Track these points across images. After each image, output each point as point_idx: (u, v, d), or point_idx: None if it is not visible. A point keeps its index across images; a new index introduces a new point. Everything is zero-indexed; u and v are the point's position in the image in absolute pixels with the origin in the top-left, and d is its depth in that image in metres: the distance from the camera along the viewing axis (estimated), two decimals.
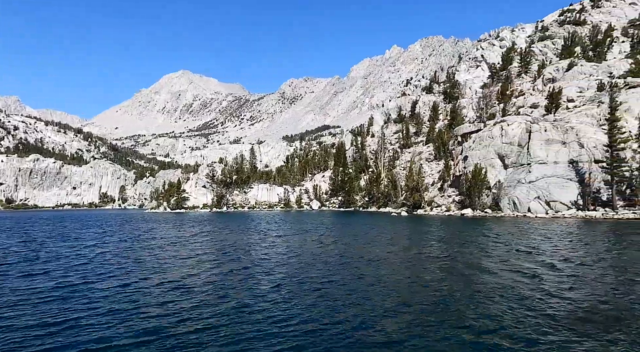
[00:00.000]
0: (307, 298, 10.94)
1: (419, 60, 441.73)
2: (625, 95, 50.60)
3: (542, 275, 13.34)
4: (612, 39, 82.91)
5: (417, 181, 59.29)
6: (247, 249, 21.24)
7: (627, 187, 40.83)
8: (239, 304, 10.48)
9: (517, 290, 11.39)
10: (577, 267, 14.69)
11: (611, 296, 10.69)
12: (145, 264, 16.72)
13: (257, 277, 13.90)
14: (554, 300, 10.28)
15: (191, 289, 12.15)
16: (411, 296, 10.99)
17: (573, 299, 10.40)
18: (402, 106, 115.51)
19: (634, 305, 9.84)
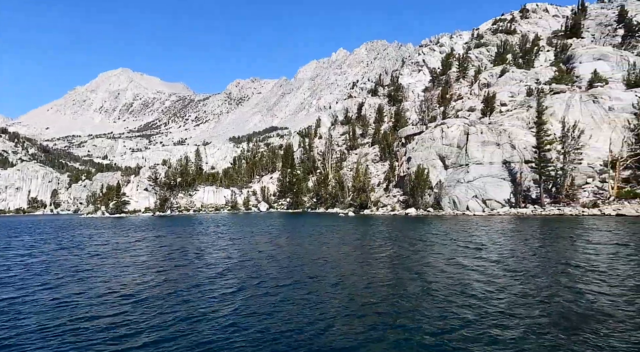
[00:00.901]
0: (263, 303, 10.87)
1: (365, 63, 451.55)
2: (551, 100, 54.84)
3: (489, 270, 14.16)
4: (538, 48, 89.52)
5: (363, 181, 60.60)
6: (197, 253, 20.68)
7: (553, 185, 44.28)
8: (191, 312, 10.20)
9: (469, 286, 12.01)
10: (519, 261, 15.73)
11: (555, 288, 11.58)
12: (85, 274, 15.78)
13: (209, 283, 13.57)
14: (505, 294, 10.96)
15: (139, 300, 11.63)
16: (369, 297, 11.24)
17: (522, 292, 11.15)
18: (348, 108, 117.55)
19: (577, 296, 10.73)
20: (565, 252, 17.77)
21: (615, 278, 12.51)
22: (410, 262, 16.41)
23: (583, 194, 42.73)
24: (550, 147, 44.22)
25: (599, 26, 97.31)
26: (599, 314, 9.11)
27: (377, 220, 42.55)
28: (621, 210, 37.25)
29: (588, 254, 16.96)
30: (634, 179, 42.92)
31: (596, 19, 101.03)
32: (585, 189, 43.58)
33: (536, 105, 47.17)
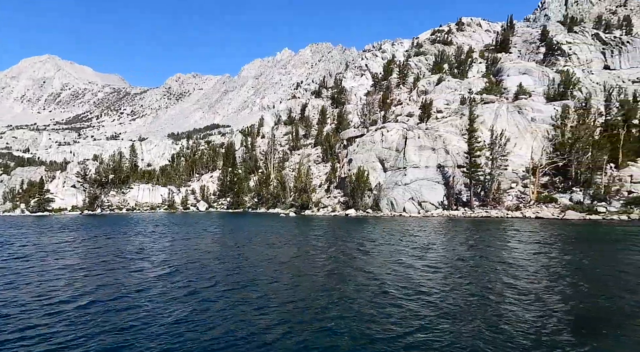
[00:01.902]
0: (205, 309, 10.56)
1: (309, 64, 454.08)
2: (481, 110, 58.51)
3: (426, 268, 14.80)
4: (472, 59, 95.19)
5: (305, 182, 60.91)
6: (132, 256, 19.64)
7: (482, 189, 47.29)
8: (127, 319, 9.69)
9: (408, 283, 12.45)
10: (453, 259, 16.60)
11: (494, 283, 12.33)
12: (9, 279, 14.42)
13: (145, 288, 12.95)
14: (446, 292, 11.49)
15: (72, 307, 10.83)
16: (314, 298, 11.30)
17: (460, 288, 11.75)
18: (292, 108, 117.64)
19: (505, 289, 11.48)
20: (491, 250, 19.06)
21: (534, 271, 13.64)
22: (350, 262, 16.77)
23: (508, 198, 46.04)
24: (480, 153, 47.09)
25: (524, 43, 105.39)
26: (521, 303, 9.88)
27: (318, 221, 42.96)
28: (540, 213, 40.63)
29: (511, 251, 18.33)
30: (550, 185, 47.01)
31: (522, 36, 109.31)
32: (509, 193, 46.98)
33: (468, 114, 50.09)
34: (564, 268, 15.06)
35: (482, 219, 40.63)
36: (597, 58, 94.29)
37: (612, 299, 10.77)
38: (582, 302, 10.44)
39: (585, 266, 15.63)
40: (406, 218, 43.16)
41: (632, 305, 10.07)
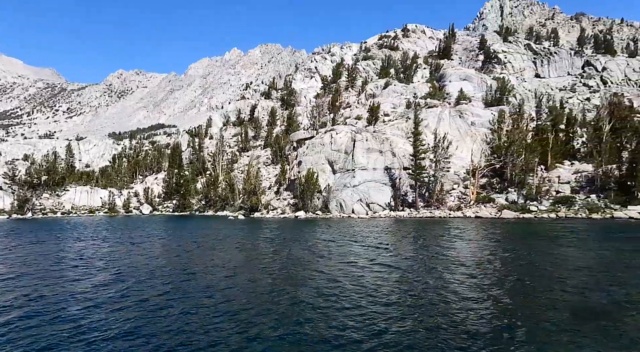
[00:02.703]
0: (153, 318, 10.17)
1: (259, 65, 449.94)
2: (426, 114, 60.95)
3: (376, 269, 15.16)
4: (417, 65, 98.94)
5: (254, 184, 60.28)
6: (68, 265, 18.46)
7: (426, 190, 49.23)
8: (62, 334, 9.12)
9: (362, 285, 12.69)
10: (401, 259, 17.13)
11: (429, 277, 12.83)
12: None
13: (84, 300, 12.24)
14: (397, 290, 11.81)
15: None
16: (268, 303, 11.22)
17: (405, 287, 12.13)
18: (241, 109, 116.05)
19: (447, 282, 12.01)
20: (436, 249, 19.93)
21: (475, 267, 14.46)
22: (301, 265, 16.86)
23: (450, 199, 48.26)
24: (424, 155, 49.00)
25: (465, 51, 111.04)
26: (464, 297, 10.45)
27: (267, 223, 42.71)
28: (479, 212, 42.99)
29: (455, 250, 19.28)
30: (489, 186, 49.88)
31: (463, 44, 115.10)
32: (451, 194, 49.29)
33: (413, 117, 51.96)
34: (503, 263, 16.10)
35: (426, 219, 42.31)
36: (529, 67, 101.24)
37: (551, 292, 11.67)
38: (523, 295, 11.23)
39: (521, 260, 16.79)
40: (355, 219, 43.99)
41: (564, 294, 10.99)
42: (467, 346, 7.92)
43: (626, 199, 39.84)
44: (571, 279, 13.25)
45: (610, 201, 40.46)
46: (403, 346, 8.05)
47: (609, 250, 19.52)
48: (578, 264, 16.08)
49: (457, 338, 8.30)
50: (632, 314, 9.52)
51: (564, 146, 53.45)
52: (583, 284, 12.62)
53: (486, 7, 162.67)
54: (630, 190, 40.62)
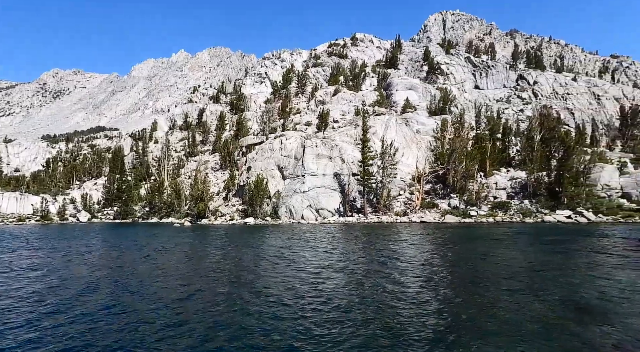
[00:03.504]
0: (89, 337, 9.57)
1: (207, 68, 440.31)
2: (373, 121, 62.57)
3: (325, 273, 15.23)
4: (365, 73, 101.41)
5: (202, 190, 58.76)
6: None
7: (374, 196, 50.42)
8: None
9: (312, 290, 12.68)
10: (350, 263, 17.34)
11: (380, 280, 13.08)
12: None
13: (9, 317, 11.29)
14: (346, 294, 11.90)
15: None
16: (219, 313, 10.91)
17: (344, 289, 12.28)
18: (188, 113, 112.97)
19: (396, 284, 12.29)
20: (384, 252, 20.44)
21: (420, 270, 15.00)
22: (252, 272, 16.65)
23: (396, 204, 49.75)
24: (372, 162, 50.21)
25: (410, 61, 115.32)
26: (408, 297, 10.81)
27: (215, 230, 41.74)
28: (424, 218, 44.66)
29: (401, 253, 19.88)
30: (433, 192, 51.97)
31: (409, 54, 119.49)
32: (398, 199, 50.83)
33: (362, 125, 53.16)
34: (447, 266, 16.83)
35: (374, 224, 43.29)
36: (469, 78, 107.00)
37: (491, 292, 12.34)
38: (466, 296, 11.80)
39: (463, 263, 17.64)
40: (305, 225, 44.11)
41: (502, 294, 11.68)
42: (415, 346, 8.21)
43: (554, 204, 43.11)
44: (508, 280, 14.13)
45: (541, 206, 43.59)
46: (348, 347, 8.21)
47: (541, 251, 21.00)
48: (514, 265, 17.16)
49: (404, 339, 8.59)
50: (565, 314, 10.32)
51: (501, 154, 56.93)
52: (520, 284, 13.49)
53: (430, 20, 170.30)
54: (558, 196, 44.00)
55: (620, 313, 10.07)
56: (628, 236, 26.17)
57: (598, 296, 11.75)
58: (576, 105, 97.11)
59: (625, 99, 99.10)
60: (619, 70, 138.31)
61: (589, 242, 24.14)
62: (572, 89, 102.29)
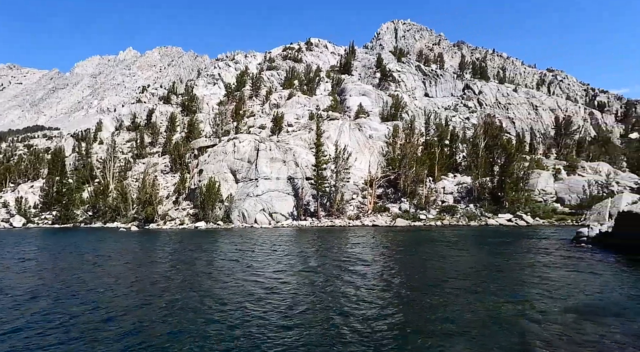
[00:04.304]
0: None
1: (157, 68, 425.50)
2: (327, 125, 63.19)
3: (275, 277, 15.11)
4: (319, 78, 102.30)
5: (151, 193, 56.60)
6: None
7: (327, 200, 50.86)
8: None
9: (264, 294, 12.51)
10: (302, 267, 17.33)
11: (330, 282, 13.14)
12: None
13: None
14: (297, 298, 11.84)
15: None
16: (175, 323, 10.49)
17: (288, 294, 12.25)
18: (137, 113, 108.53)
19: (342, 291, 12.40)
20: (336, 256, 20.65)
21: (372, 272, 15.30)
22: (202, 278, 16.24)
23: (349, 208, 50.48)
24: (326, 166, 50.64)
25: (364, 67, 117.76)
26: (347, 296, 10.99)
27: (164, 235, 40.35)
28: (376, 221, 45.63)
29: (353, 256, 20.18)
30: (384, 196, 53.24)
31: (362, 61, 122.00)
32: (351, 203, 51.61)
33: (316, 129, 53.51)
34: (397, 267, 17.30)
35: (327, 228, 43.67)
36: (420, 86, 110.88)
37: (439, 293, 12.80)
38: (415, 296, 12.17)
39: (412, 264, 18.21)
40: (258, 229, 43.70)
41: (449, 295, 12.18)
42: (367, 348, 8.38)
43: (497, 208, 45.56)
44: (456, 280, 14.76)
45: (485, 209, 45.90)
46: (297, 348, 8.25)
47: (485, 253, 22.14)
48: (461, 266, 17.96)
49: (356, 341, 8.73)
50: (509, 311, 10.92)
51: (449, 160, 59.39)
52: (467, 284, 14.13)
53: (383, 29, 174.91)
54: (500, 200, 46.53)
55: (557, 309, 10.81)
56: (561, 237, 28.16)
57: (538, 293, 12.56)
58: (517, 114, 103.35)
59: (559, 110, 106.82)
60: (554, 83, 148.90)
61: (528, 244, 25.74)
62: (513, 100, 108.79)
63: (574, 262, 17.72)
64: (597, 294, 12.34)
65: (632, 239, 18.71)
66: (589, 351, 7.96)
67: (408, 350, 8.34)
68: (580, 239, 23.58)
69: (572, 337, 8.68)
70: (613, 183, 50.18)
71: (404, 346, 8.55)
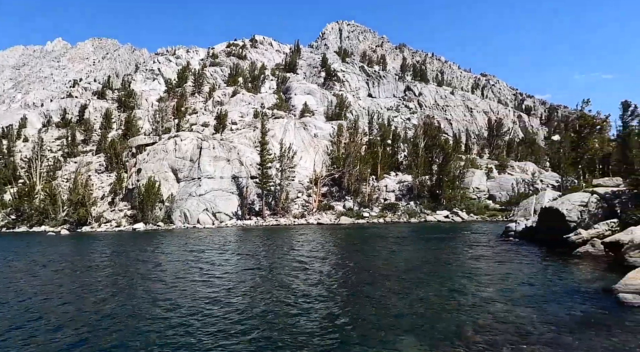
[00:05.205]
0: None
1: (91, 60, 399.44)
2: (272, 124, 62.85)
3: (219, 277, 14.73)
4: (264, 76, 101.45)
5: (83, 194, 53.18)
6: None
7: (272, 199, 50.61)
8: None
9: (205, 296, 12.12)
10: (246, 267, 17.04)
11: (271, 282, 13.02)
12: None
13: None
14: (242, 298, 11.57)
15: None
16: (115, 331, 9.83)
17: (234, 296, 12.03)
18: (68, 109, 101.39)
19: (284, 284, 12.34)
20: (281, 252, 20.61)
21: (318, 268, 15.43)
22: (138, 284, 15.53)
23: (294, 207, 50.57)
24: (271, 165, 50.35)
25: (309, 66, 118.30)
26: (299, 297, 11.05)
27: (99, 238, 38.09)
28: (320, 219, 46.08)
29: (298, 254, 20.23)
30: (329, 194, 53.91)
31: (307, 60, 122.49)
32: (296, 202, 51.72)
33: (261, 127, 53.02)
34: (341, 264, 17.58)
35: (272, 227, 43.46)
36: (363, 87, 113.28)
37: (379, 288, 13.16)
38: (357, 293, 12.43)
39: (355, 260, 18.59)
40: (201, 230, 42.54)
41: (392, 288, 12.57)
42: (311, 345, 8.45)
43: (435, 205, 47.75)
44: (398, 274, 15.28)
45: (424, 207, 47.93)
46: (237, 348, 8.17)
47: (424, 248, 23.13)
48: (402, 261, 18.63)
49: (301, 338, 8.78)
50: (445, 301, 11.47)
51: (391, 159, 61.32)
52: (407, 277, 14.69)
53: (328, 29, 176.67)
54: (438, 197, 48.79)
55: (488, 298, 11.55)
56: (492, 232, 30.06)
57: (471, 284, 13.34)
58: (454, 116, 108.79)
59: (492, 112, 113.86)
60: (487, 87, 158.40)
61: (463, 239, 27.24)
62: (450, 102, 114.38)
63: (503, 256, 19.00)
64: (522, 284, 13.34)
65: (553, 233, 20.34)
66: (518, 334, 8.60)
67: (355, 343, 8.53)
68: (508, 233, 25.31)
69: (503, 322, 9.34)
70: (538, 181, 54.38)
71: (351, 339, 8.74)
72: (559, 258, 17.40)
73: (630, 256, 14.09)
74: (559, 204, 21.14)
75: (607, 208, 19.62)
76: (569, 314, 9.83)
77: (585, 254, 17.11)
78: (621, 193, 20.06)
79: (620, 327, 8.67)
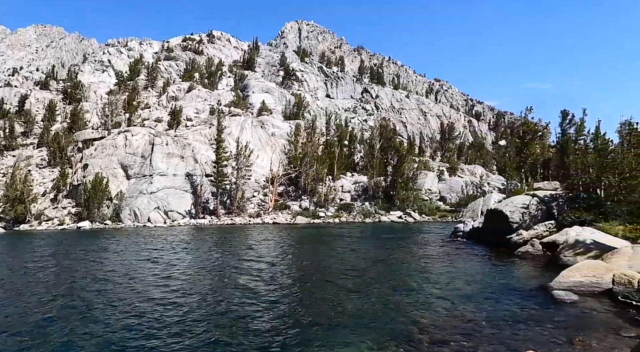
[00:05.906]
0: None
1: (33, 48, 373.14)
2: (229, 121, 61.80)
3: (170, 277, 14.26)
4: (222, 72, 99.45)
5: (22, 190, 49.79)
6: None
7: (228, 198, 49.78)
8: None
9: (156, 298, 11.68)
10: (196, 267, 16.61)
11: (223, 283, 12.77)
12: None
13: None
14: (190, 298, 11.23)
15: None
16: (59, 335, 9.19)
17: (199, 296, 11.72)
18: (5, 99, 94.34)
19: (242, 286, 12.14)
20: (232, 253, 20.31)
21: (269, 268, 15.35)
22: (91, 281, 14.77)
23: (250, 206, 50.03)
24: (227, 163, 49.50)
25: (267, 65, 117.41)
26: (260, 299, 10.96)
27: (40, 237, 35.85)
28: (276, 219, 45.89)
29: (251, 254, 20.02)
30: (285, 194, 53.81)
31: (266, 58, 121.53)
32: (252, 201, 51.18)
33: (217, 124, 52.05)
34: (296, 263, 17.61)
35: (227, 226, 42.75)
36: (322, 87, 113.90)
37: (331, 288, 13.28)
38: (312, 293, 12.48)
39: (310, 260, 18.68)
40: (151, 229, 41.10)
41: (345, 287, 12.73)
42: (264, 344, 8.41)
43: (389, 206, 48.92)
44: (352, 273, 15.52)
45: (379, 207, 48.96)
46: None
47: (377, 247, 23.65)
48: (356, 260, 18.93)
49: (254, 338, 8.73)
50: (399, 299, 11.77)
51: (347, 159, 62.08)
52: (361, 275, 14.95)
53: (287, 27, 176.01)
54: (392, 198, 50.00)
55: (437, 295, 12.01)
56: (442, 232, 31.22)
57: (422, 282, 13.80)
58: (408, 119, 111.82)
59: (444, 116, 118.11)
60: (440, 92, 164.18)
61: (414, 239, 28.12)
62: (405, 105, 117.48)
63: (450, 256, 19.81)
64: (467, 282, 13.98)
65: (498, 233, 21.47)
66: (461, 330, 9.00)
67: (306, 342, 8.59)
68: (457, 234, 26.41)
69: (447, 319, 9.75)
70: (485, 184, 57.10)
71: (303, 338, 8.79)
72: (502, 257, 18.39)
73: (564, 255, 15.15)
74: (503, 206, 22.33)
75: (545, 210, 20.95)
76: (508, 310, 10.46)
77: (525, 253, 18.18)
78: (558, 196, 21.49)
79: (552, 322, 9.35)
